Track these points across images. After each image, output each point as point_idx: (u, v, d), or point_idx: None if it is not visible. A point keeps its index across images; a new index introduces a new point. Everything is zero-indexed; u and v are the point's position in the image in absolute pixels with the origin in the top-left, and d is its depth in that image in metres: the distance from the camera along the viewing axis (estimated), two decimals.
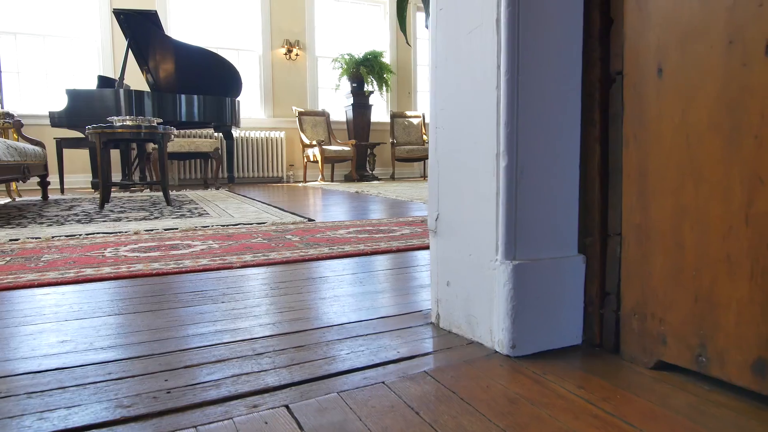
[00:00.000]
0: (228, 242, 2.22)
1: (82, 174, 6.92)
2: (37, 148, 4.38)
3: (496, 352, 0.95)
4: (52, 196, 5.06)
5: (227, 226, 2.74)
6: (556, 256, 0.95)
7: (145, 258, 1.89)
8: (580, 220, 0.97)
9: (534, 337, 0.94)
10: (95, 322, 1.18)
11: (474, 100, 0.96)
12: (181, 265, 1.75)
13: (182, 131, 7.25)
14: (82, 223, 2.93)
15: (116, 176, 6.79)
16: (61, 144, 5.90)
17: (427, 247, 2.07)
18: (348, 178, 8.19)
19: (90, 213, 3.49)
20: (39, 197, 4.94)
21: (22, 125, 4.56)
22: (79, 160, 6.81)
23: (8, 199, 4.77)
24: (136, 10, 5.95)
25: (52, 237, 2.42)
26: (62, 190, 5.94)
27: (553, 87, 0.92)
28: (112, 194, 5.02)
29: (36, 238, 2.38)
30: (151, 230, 2.60)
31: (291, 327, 1.13)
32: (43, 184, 4.68)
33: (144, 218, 3.15)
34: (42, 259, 1.89)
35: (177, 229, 2.63)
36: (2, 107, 6.03)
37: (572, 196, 0.96)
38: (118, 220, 3.08)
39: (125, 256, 1.94)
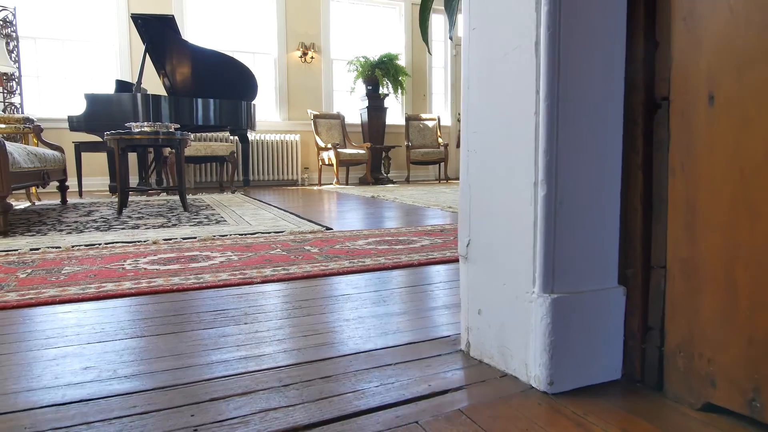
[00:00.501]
0: (247, 254, 2.20)
1: (100, 177, 6.97)
2: (56, 153, 4.41)
3: (533, 387, 0.91)
4: (70, 200, 5.09)
5: (245, 235, 2.73)
6: (595, 288, 0.91)
7: (165, 271, 1.88)
8: (621, 250, 0.93)
9: (572, 373, 0.90)
10: (118, 345, 1.17)
11: (510, 125, 0.93)
12: (201, 280, 1.73)
13: (198, 135, 7.28)
14: (101, 231, 2.93)
15: (133, 179, 6.84)
16: (80, 148, 5.94)
17: (448, 261, 2.03)
18: (363, 181, 8.16)
19: (108, 219, 3.50)
20: (58, 201, 4.97)
21: (41, 130, 4.60)
22: (96, 163, 6.86)
23: (28, 203, 4.81)
24: (153, 15, 5.98)
25: (72, 246, 2.42)
26: (80, 194, 5.98)
27: (594, 112, 0.88)
28: (130, 198, 5.05)
29: (56, 248, 2.38)
30: (170, 239, 2.59)
31: (317, 353, 1.10)
32: (62, 189, 4.71)
33: (162, 225, 3.15)
34: (63, 272, 1.89)
35: (195, 238, 2.62)
36: (22, 112, 6.09)
37: (613, 226, 0.92)
38: (136, 227, 3.08)
39: (145, 269, 1.93)
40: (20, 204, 4.75)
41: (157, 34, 6.12)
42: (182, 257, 2.14)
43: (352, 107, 8.43)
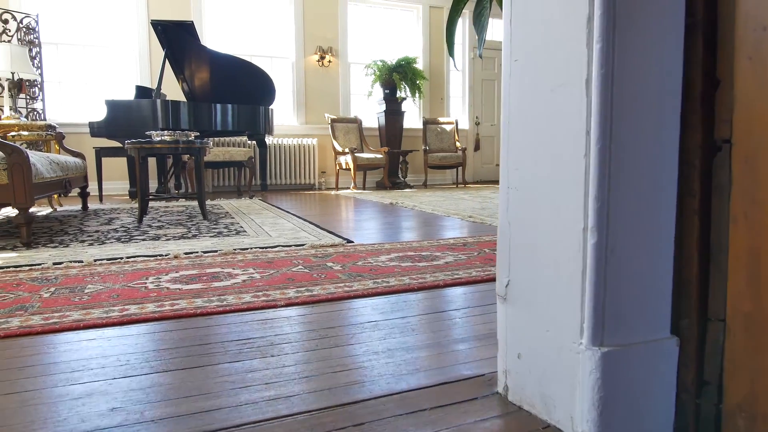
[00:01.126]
0: (269, 271, 2.17)
1: (120, 181, 7.03)
2: (77, 159, 4.44)
3: None
4: (91, 206, 5.13)
5: (266, 248, 2.70)
6: (647, 339, 0.86)
7: (188, 292, 1.86)
8: (674, 299, 0.88)
9: (622, 429, 0.85)
10: (144, 381, 1.14)
11: (556, 166, 0.88)
12: (224, 303, 1.71)
13: (217, 139, 7.30)
14: (122, 242, 2.93)
15: (152, 183, 6.88)
16: (100, 153, 5.99)
17: (474, 282, 1.99)
18: (380, 185, 8.13)
19: (129, 228, 3.50)
20: (79, 207, 5.01)
21: (63, 137, 4.64)
22: (116, 167, 6.91)
23: (49, 209, 4.85)
24: (173, 22, 6.00)
25: (94, 260, 2.42)
26: (101, 198, 6.03)
27: (649, 155, 0.83)
28: (150, 204, 5.06)
29: (78, 262, 2.38)
30: (191, 253, 2.57)
31: (348, 394, 1.07)
32: (83, 195, 4.75)
33: (182, 236, 3.14)
34: (86, 291, 1.87)
35: (216, 252, 2.60)
36: (44, 117, 6.16)
37: (666, 274, 0.86)
38: (157, 238, 3.07)
39: (167, 288, 1.91)
40: (42, 210, 4.79)
41: (177, 39, 6.14)
42: (204, 274, 2.12)
43: (370, 111, 8.40)
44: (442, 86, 8.92)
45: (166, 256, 2.52)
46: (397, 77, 7.81)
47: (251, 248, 2.70)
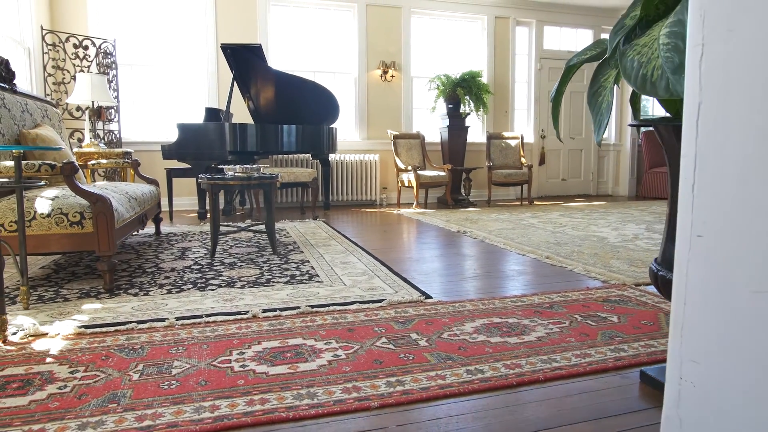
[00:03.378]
0: (353, 346, 2.09)
1: (188, 197, 7.21)
2: (152, 188, 4.54)
3: None
4: (164, 228, 5.25)
5: (344, 307, 2.63)
6: None
7: (275, 378, 1.79)
8: None
9: None
10: None
11: None
12: (315, 401, 1.63)
13: (279, 157, 7.37)
14: (199, 289, 2.94)
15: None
16: (171, 174, 6.15)
17: (577, 375, 1.83)
18: (442, 201, 7.99)
19: (203, 266, 3.53)
20: (153, 230, 5.13)
21: (139, 164, 4.76)
22: (185, 184, 7.08)
23: None
24: (242, 45, 6.07)
25: (176, 319, 2.41)
26: (171, 217, 6.19)
27: None
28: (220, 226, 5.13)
29: (161, 321, 2.38)
30: (269, 311, 2.53)
31: None
32: (157, 220, 4.86)
33: (256, 280, 3.12)
34: (173, 373, 1.85)
35: (294, 310, 2.55)
36: (120, 138, 6.37)
37: None
38: (231, 283, 3.07)
39: (253, 371, 1.85)
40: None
41: (244, 61, 6.21)
42: (287, 348, 2.06)
43: (431, 124, 8.27)
44: (506, 99, 8.66)
45: (245, 315, 2.49)
46: (461, 92, 7.62)
47: (328, 305, 2.63)
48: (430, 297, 2.81)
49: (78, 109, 6.02)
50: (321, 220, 6.03)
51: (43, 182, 2.68)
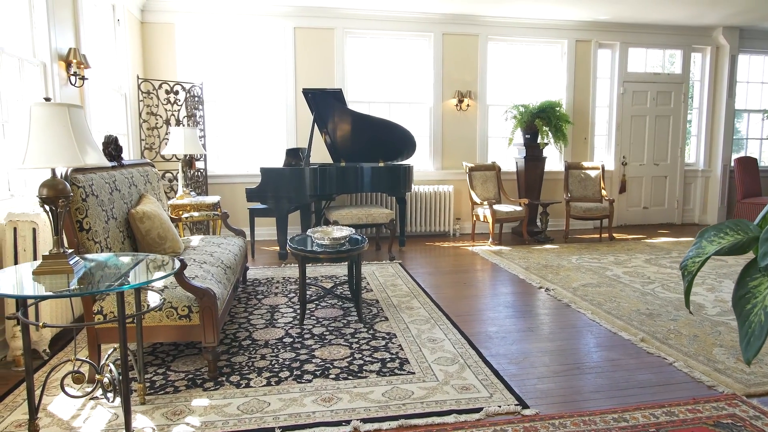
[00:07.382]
0: None
1: (266, 227, 7.43)
2: (240, 242, 4.72)
3: None
4: (249, 274, 5.44)
5: (442, 419, 2.64)
6: None
7: None
8: None
9: None
10: None
11: None
12: None
13: (356, 196, 7.45)
14: (296, 379, 3.03)
15: (295, 229, 7.19)
16: (253, 213, 6.37)
17: None
18: (516, 233, 7.84)
19: (294, 339, 3.64)
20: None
21: (227, 217, 4.96)
22: (266, 220, 7.32)
23: None
24: (322, 90, 6.18)
25: (279, 429, 2.51)
26: (253, 255, 6.42)
27: None
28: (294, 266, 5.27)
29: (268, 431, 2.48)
30: (369, 424, 2.58)
31: None
32: (243, 270, 5.04)
33: (348, 367, 3.18)
34: None
35: (395, 422, 2.58)
36: (206, 175, 6.65)
37: None
38: (326, 372, 3.14)
39: None
40: None
41: (324, 104, 6.32)
42: None
43: (506, 152, 8.10)
44: (586, 125, 8.34)
45: (346, 427, 2.55)
46: (539, 123, 7.42)
47: (425, 415, 2.65)
48: (527, 407, 2.77)
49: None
50: (397, 262, 6.06)
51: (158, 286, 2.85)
